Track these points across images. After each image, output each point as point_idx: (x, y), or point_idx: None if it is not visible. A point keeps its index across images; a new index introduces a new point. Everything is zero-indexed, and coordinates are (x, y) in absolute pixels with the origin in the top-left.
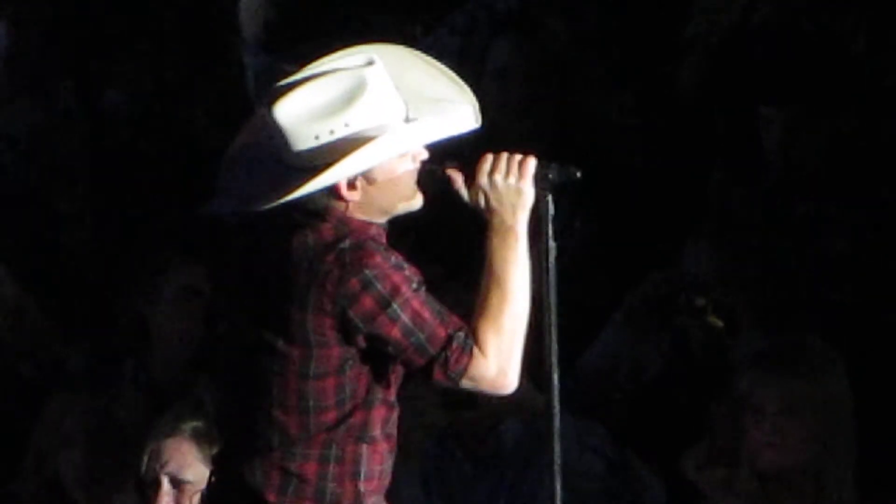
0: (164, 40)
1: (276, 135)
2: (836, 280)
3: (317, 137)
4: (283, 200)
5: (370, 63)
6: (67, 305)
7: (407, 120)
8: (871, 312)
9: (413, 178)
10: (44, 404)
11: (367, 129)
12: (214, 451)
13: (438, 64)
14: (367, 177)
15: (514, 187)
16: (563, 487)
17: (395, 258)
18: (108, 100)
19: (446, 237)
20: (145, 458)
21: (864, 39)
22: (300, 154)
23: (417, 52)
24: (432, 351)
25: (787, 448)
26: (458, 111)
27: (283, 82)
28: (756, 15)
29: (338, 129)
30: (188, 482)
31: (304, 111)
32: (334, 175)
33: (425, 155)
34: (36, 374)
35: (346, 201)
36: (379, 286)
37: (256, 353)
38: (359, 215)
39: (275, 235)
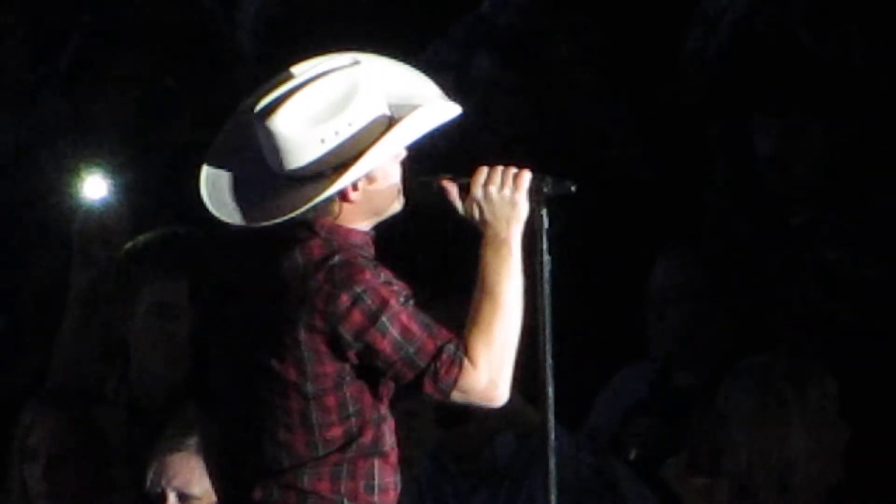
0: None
1: (275, 147)
2: (830, 290)
3: (322, 141)
4: (300, 211)
5: (356, 62)
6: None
7: (394, 117)
8: (865, 322)
9: (398, 178)
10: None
11: (370, 124)
12: None
13: (400, 63)
14: (368, 176)
15: (508, 200)
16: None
17: (384, 274)
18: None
19: (431, 257)
20: (150, 474)
21: (862, 49)
22: (307, 162)
23: (378, 56)
24: (422, 364)
25: (764, 458)
26: (435, 103)
27: (270, 97)
28: (754, 25)
29: (342, 129)
30: (195, 497)
31: (302, 118)
32: (352, 175)
33: (404, 154)
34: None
35: (345, 203)
36: (368, 300)
37: (252, 376)
38: (348, 222)
39: (259, 253)
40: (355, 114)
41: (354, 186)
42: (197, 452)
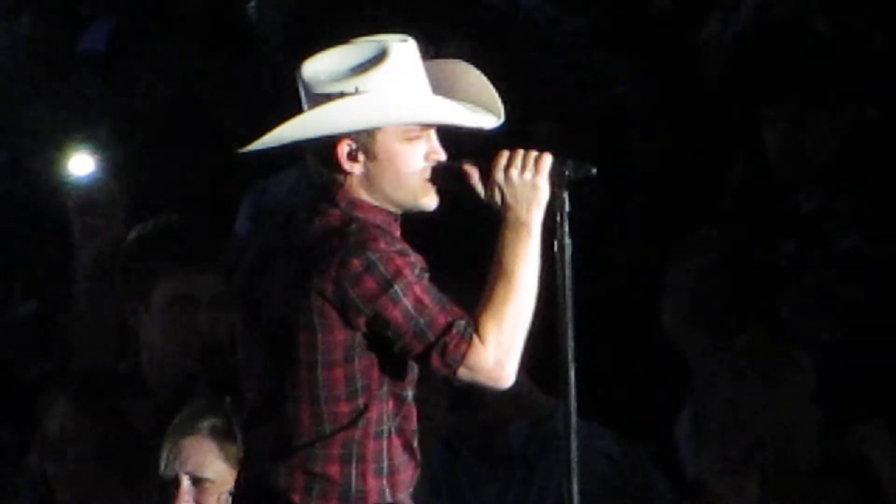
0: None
1: (300, 91)
2: (845, 277)
3: (328, 96)
4: (271, 137)
5: (404, 40)
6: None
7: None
8: (881, 309)
9: (425, 174)
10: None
11: (374, 95)
12: (234, 448)
13: (482, 77)
14: (368, 150)
15: (529, 183)
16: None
17: (399, 245)
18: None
19: (453, 241)
20: (164, 458)
21: (881, 36)
22: (309, 107)
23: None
24: (431, 337)
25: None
26: (477, 114)
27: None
28: (771, 13)
29: (347, 90)
30: (208, 480)
31: (324, 71)
32: (314, 120)
33: (442, 156)
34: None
35: (348, 174)
36: (381, 268)
37: (267, 348)
38: (365, 196)
39: (285, 229)
40: (366, 81)
41: (352, 157)
42: (209, 436)
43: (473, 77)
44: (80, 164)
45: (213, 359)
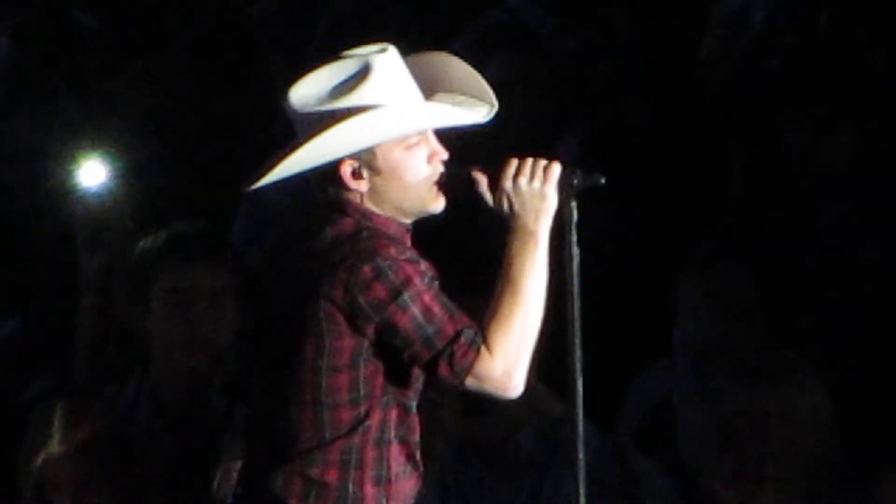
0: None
1: (291, 118)
2: (865, 287)
3: (320, 119)
4: (272, 174)
5: (383, 50)
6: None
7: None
8: None
9: (432, 178)
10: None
11: (365, 108)
12: None
13: (468, 67)
14: (371, 166)
15: (538, 192)
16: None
17: (410, 252)
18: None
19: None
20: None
21: (884, 48)
22: (303, 134)
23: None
24: (439, 345)
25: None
26: (471, 109)
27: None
28: (775, 23)
29: (339, 111)
30: None
31: (311, 94)
32: (315, 150)
33: (444, 154)
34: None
35: (355, 192)
36: (391, 275)
37: (274, 353)
38: (376, 209)
39: (297, 237)
40: (357, 99)
41: (357, 175)
42: None
43: (459, 67)
44: (90, 174)
45: (218, 357)
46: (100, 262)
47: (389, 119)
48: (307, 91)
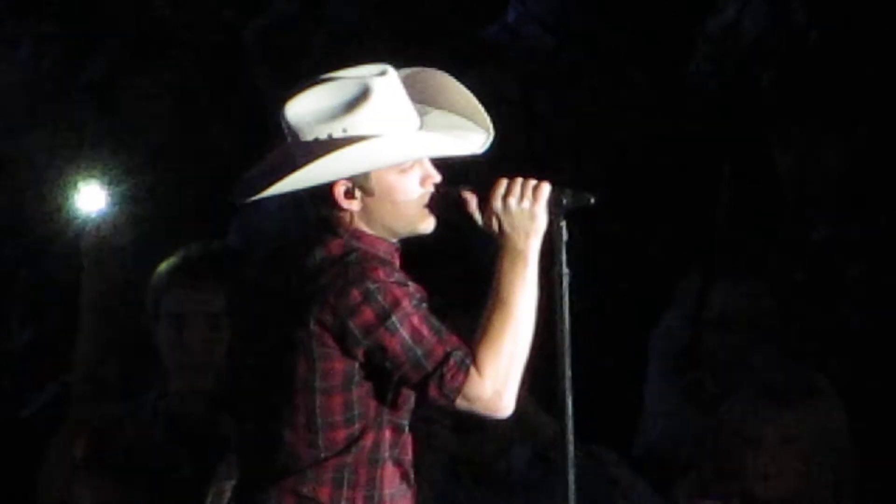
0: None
1: (285, 132)
2: (853, 305)
3: (316, 139)
4: (267, 191)
5: (383, 73)
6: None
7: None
8: (889, 338)
9: (423, 200)
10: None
11: (363, 136)
12: None
13: (465, 90)
14: (364, 187)
15: (527, 212)
16: None
17: (398, 275)
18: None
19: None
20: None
21: (874, 63)
22: (300, 153)
23: (450, 77)
24: (428, 367)
25: (782, 479)
26: (467, 136)
27: (302, 84)
28: (765, 39)
29: (336, 133)
30: None
31: (309, 112)
32: (312, 172)
33: (437, 178)
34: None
35: (347, 211)
36: (380, 298)
37: (266, 374)
38: (366, 229)
39: (287, 258)
40: (353, 122)
41: (350, 195)
42: None
43: (456, 89)
44: (91, 199)
45: (220, 378)
46: (101, 289)
47: (387, 148)
48: (304, 109)
